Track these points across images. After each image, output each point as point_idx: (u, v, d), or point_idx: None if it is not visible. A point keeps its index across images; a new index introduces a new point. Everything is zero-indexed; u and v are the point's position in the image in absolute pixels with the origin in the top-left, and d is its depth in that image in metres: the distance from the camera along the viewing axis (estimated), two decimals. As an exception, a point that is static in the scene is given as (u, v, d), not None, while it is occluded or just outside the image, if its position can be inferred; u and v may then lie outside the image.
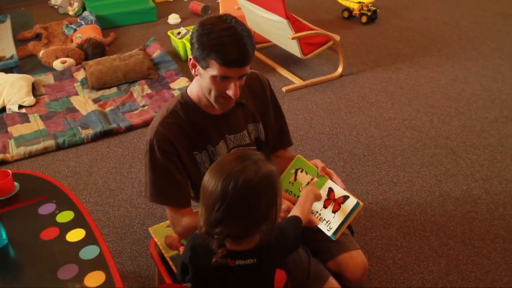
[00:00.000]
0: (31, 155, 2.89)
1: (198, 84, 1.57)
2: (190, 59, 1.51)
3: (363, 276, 1.82)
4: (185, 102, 1.64)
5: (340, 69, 3.72)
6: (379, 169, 2.71)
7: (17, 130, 3.10)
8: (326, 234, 1.58)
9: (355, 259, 1.79)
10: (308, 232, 1.76)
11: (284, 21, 3.32)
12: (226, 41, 1.38)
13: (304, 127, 3.12)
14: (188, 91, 1.66)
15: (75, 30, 4.41)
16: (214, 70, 1.43)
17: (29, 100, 3.38)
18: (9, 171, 1.75)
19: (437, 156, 2.81)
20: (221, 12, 4.38)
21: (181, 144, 1.62)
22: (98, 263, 1.46)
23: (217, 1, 4.76)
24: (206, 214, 1.16)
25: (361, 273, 1.80)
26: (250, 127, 1.76)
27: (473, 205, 2.44)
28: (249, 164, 1.16)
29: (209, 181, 1.16)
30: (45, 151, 2.93)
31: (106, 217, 2.43)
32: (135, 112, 3.30)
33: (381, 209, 2.43)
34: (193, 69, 1.52)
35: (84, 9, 5.02)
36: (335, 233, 1.57)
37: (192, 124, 1.63)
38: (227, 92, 1.48)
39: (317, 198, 1.57)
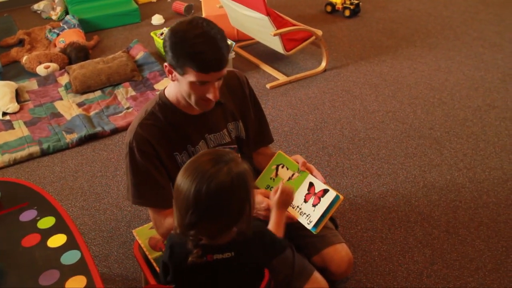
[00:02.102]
0: (16, 162, 2.88)
1: (177, 87, 1.58)
2: (166, 66, 1.51)
3: (348, 269, 1.84)
4: (163, 104, 1.64)
5: (323, 64, 3.73)
6: (364, 162, 2.73)
7: (1, 137, 3.09)
8: (309, 230, 1.59)
9: (339, 252, 1.80)
10: (291, 228, 1.77)
11: (265, 18, 3.32)
12: (200, 48, 1.39)
13: (289, 123, 3.13)
14: (166, 93, 1.66)
15: (58, 34, 4.39)
16: (191, 76, 1.43)
17: (13, 106, 3.36)
18: (-11, 179, 1.75)
19: (421, 147, 2.83)
20: (203, 11, 4.37)
21: (160, 145, 1.62)
22: (79, 268, 1.46)
23: (200, 0, 4.75)
24: (180, 217, 1.17)
25: (346, 266, 1.81)
26: (229, 125, 1.76)
27: (457, 194, 2.46)
28: (222, 167, 1.17)
29: (182, 183, 1.17)
30: (30, 158, 2.91)
31: (92, 221, 2.43)
32: (120, 114, 3.29)
33: (366, 202, 2.44)
34: (170, 75, 1.52)
35: (67, 13, 4.99)
36: (315, 226, 1.58)
37: (171, 125, 1.64)
38: (207, 95, 1.49)
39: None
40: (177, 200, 1.18)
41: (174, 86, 1.60)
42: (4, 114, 3.33)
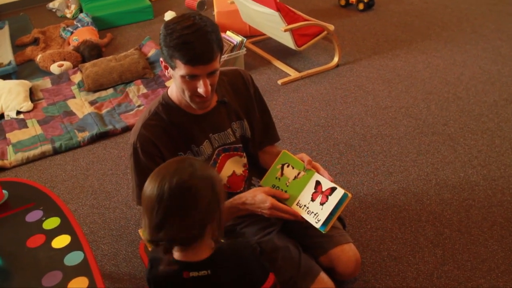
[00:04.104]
0: (28, 161, 2.91)
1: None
2: (162, 61, 1.50)
3: (356, 270, 1.82)
4: (166, 104, 1.64)
5: (336, 59, 3.68)
6: (375, 160, 2.68)
7: (15, 136, 3.13)
8: (317, 230, 1.57)
9: (347, 253, 1.78)
10: (299, 228, 1.76)
11: (276, 14, 3.28)
12: (187, 39, 1.37)
13: (300, 120, 3.10)
14: (169, 92, 1.66)
15: (72, 32, 4.43)
16: (181, 70, 1.42)
17: (27, 105, 3.40)
18: (-3, 180, 1.77)
19: (434, 144, 2.77)
20: (215, 6, 4.35)
21: (164, 146, 1.61)
22: (82, 269, 1.46)
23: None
24: (148, 220, 1.16)
25: (353, 266, 1.79)
26: (234, 125, 1.75)
27: (471, 192, 2.41)
28: (185, 166, 1.17)
29: (147, 186, 1.17)
30: (42, 156, 2.95)
31: (101, 219, 2.44)
32: (131, 112, 3.30)
33: (377, 200, 2.40)
34: (166, 71, 1.52)
35: (81, 11, 5.03)
36: (323, 225, 1.56)
37: (175, 125, 1.63)
38: (198, 90, 1.47)
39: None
40: (143, 204, 1.17)
41: (175, 85, 1.59)
42: (18, 113, 3.37)
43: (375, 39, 4.08)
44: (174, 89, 1.61)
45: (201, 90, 1.46)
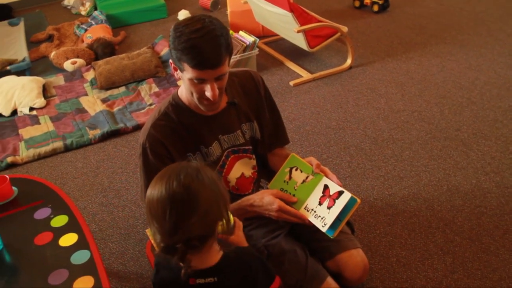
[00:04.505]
0: (40, 157, 2.93)
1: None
2: (171, 63, 1.49)
3: (363, 276, 1.79)
4: (176, 104, 1.63)
5: (349, 61, 3.66)
6: (386, 164, 2.65)
7: (27, 132, 3.15)
8: (325, 234, 1.55)
9: (354, 258, 1.76)
10: (307, 231, 1.74)
11: (289, 14, 3.27)
12: (195, 43, 1.36)
13: (311, 122, 3.08)
14: (179, 93, 1.65)
15: (85, 30, 4.45)
16: (189, 73, 1.42)
17: (40, 102, 3.43)
18: (7, 176, 1.78)
19: (447, 149, 2.73)
20: (228, 6, 4.35)
21: (173, 146, 1.61)
22: (88, 268, 1.47)
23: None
24: (159, 227, 1.13)
25: (361, 272, 1.77)
26: (244, 126, 1.74)
27: (483, 200, 2.37)
28: (189, 164, 1.17)
29: (152, 191, 1.14)
30: (54, 153, 2.97)
31: (110, 217, 2.45)
32: (142, 111, 3.31)
33: (386, 205, 2.37)
34: (175, 72, 1.51)
35: (96, 8, 5.06)
36: (331, 228, 1.54)
37: (184, 125, 1.62)
38: (206, 93, 1.46)
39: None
40: (151, 212, 1.14)
41: (184, 87, 1.59)
42: (31, 109, 3.40)
43: (389, 41, 4.04)
44: (184, 89, 1.61)
45: (208, 94, 1.45)
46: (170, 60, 1.49)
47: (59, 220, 1.66)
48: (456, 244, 2.14)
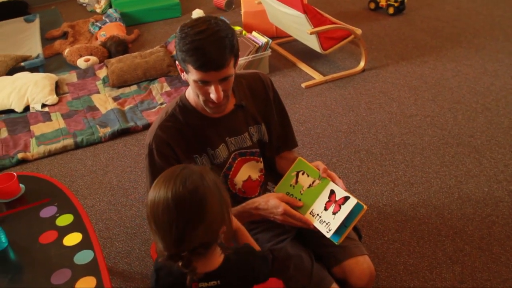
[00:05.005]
0: (50, 154, 2.95)
1: None
2: (177, 64, 1.49)
3: (369, 283, 1.76)
4: (183, 105, 1.62)
5: (362, 64, 3.62)
6: (396, 169, 2.62)
7: (38, 129, 3.18)
8: (330, 239, 1.53)
9: (361, 265, 1.73)
10: (313, 236, 1.72)
11: (302, 16, 3.24)
12: (199, 45, 1.35)
13: (322, 125, 3.05)
14: (186, 94, 1.64)
15: (100, 28, 4.48)
16: (193, 74, 1.41)
17: (52, 99, 3.45)
18: (15, 173, 1.79)
19: (459, 155, 2.69)
20: (242, 6, 4.33)
21: (180, 148, 1.60)
22: (91, 268, 1.46)
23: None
24: (164, 236, 1.10)
25: (367, 279, 1.74)
26: (251, 129, 1.72)
27: (494, 208, 2.32)
28: (191, 167, 1.15)
29: (156, 197, 1.10)
30: (64, 150, 2.98)
31: (117, 216, 2.45)
32: (153, 110, 3.32)
33: (396, 211, 2.34)
34: (182, 74, 1.50)
35: (110, 6, 5.08)
36: (336, 234, 1.52)
37: (191, 127, 1.61)
38: (210, 96, 1.45)
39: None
40: (155, 221, 1.10)
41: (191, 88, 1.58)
42: (43, 105, 3.42)
43: (403, 45, 3.99)
44: (191, 91, 1.60)
45: (213, 96, 1.44)
46: (177, 62, 1.48)
47: (64, 219, 1.66)
48: (465, 253, 2.10)
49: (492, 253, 2.09)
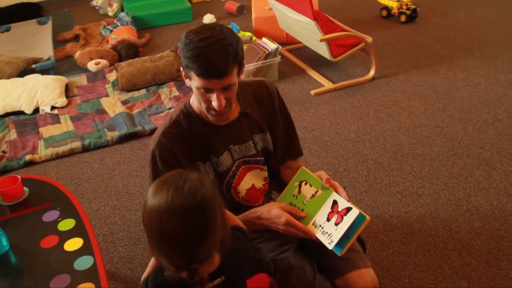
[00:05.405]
0: (57, 156, 2.96)
1: None
2: (181, 71, 1.48)
3: (373, 296, 1.74)
4: (188, 112, 1.62)
5: (372, 72, 3.59)
6: (404, 180, 2.58)
7: (47, 131, 3.19)
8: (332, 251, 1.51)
9: (364, 277, 1.70)
10: (316, 247, 1.70)
11: (312, 23, 3.23)
12: (202, 52, 1.34)
13: (330, 133, 3.02)
14: (191, 101, 1.64)
15: (111, 31, 4.50)
16: (195, 81, 1.40)
17: (61, 101, 3.47)
18: (19, 176, 1.79)
19: (468, 167, 2.64)
20: (253, 12, 4.33)
21: (183, 155, 1.59)
22: (90, 275, 1.46)
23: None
24: (170, 254, 1.08)
25: (370, 293, 1.71)
26: (256, 137, 1.71)
27: (503, 222, 2.28)
28: (188, 174, 1.13)
29: (157, 198, 1.10)
30: (71, 153, 2.99)
31: (122, 221, 2.45)
32: (161, 114, 3.32)
33: (402, 223, 2.31)
34: (186, 80, 1.50)
35: (122, 10, 5.11)
36: (338, 246, 1.50)
37: (195, 134, 1.60)
38: (212, 103, 1.44)
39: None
40: (158, 231, 1.08)
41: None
42: (53, 108, 3.44)
43: (415, 53, 3.96)
44: (195, 98, 1.59)
45: (214, 104, 1.43)
46: (181, 68, 1.47)
47: (66, 224, 1.66)
48: (472, 268, 2.06)
49: (500, 268, 2.05)
